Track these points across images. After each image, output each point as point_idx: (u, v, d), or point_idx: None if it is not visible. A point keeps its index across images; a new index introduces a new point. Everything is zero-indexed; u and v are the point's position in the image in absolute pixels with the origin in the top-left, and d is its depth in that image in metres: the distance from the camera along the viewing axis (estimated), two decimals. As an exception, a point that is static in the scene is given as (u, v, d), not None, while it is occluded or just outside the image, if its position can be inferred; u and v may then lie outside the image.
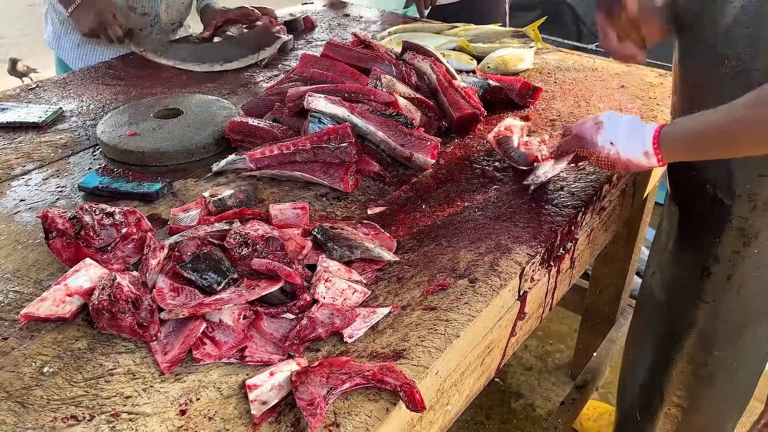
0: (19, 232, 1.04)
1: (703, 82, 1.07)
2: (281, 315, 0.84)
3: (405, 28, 1.88)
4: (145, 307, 0.82)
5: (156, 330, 0.81)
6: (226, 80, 1.66)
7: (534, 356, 2.24)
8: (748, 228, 1.11)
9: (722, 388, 1.28)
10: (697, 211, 1.18)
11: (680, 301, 1.24)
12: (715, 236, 1.14)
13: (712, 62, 1.03)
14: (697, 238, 1.19)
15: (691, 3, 1.04)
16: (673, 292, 1.26)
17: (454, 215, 1.07)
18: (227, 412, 0.72)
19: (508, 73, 1.63)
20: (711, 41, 1.02)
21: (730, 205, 1.10)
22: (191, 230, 0.95)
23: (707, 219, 1.15)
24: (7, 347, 0.81)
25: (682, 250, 1.24)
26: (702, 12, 1.01)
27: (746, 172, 1.07)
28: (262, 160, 1.17)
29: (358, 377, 0.73)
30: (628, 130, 1.02)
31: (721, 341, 1.22)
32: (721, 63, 1.02)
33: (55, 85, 1.62)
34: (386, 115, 1.21)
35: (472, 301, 0.88)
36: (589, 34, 3.33)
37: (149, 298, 0.83)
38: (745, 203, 1.09)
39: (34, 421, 0.71)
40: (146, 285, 0.86)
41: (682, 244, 1.24)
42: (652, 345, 1.34)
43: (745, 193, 1.08)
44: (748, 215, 1.10)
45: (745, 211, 1.10)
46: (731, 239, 1.13)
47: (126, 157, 1.24)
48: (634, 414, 1.42)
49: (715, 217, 1.13)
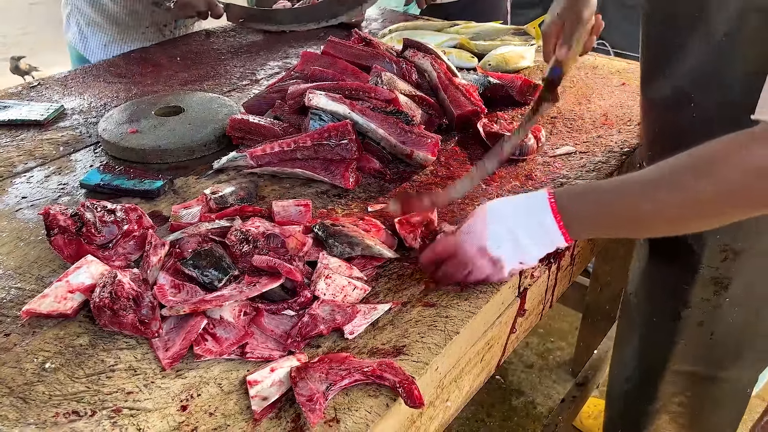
0: (21, 229, 1.04)
1: (669, 120, 0.99)
2: (282, 311, 0.84)
3: (406, 26, 1.88)
4: (146, 304, 0.82)
5: (158, 327, 0.81)
6: (228, 79, 1.66)
7: (535, 354, 2.25)
8: (719, 277, 1.03)
9: (706, 421, 1.22)
10: (667, 255, 1.10)
11: (655, 339, 1.17)
12: (685, 283, 1.06)
13: (678, 102, 0.94)
14: (666, 281, 1.12)
15: (654, 39, 0.98)
16: (647, 327, 1.19)
17: (454, 212, 1.07)
18: (228, 408, 0.72)
19: (509, 70, 1.63)
20: (675, 80, 0.93)
21: (700, 253, 1.02)
22: (192, 227, 0.96)
23: (677, 264, 1.08)
24: (9, 343, 0.81)
25: (653, 289, 1.16)
26: (667, 47, 0.94)
27: None
28: (262, 157, 1.17)
29: (358, 373, 0.73)
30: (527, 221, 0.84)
31: (698, 381, 1.15)
32: (686, 104, 0.93)
33: (57, 82, 1.63)
34: (387, 112, 1.21)
35: (472, 297, 0.88)
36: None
37: (150, 295, 0.84)
38: (716, 253, 1.01)
39: (36, 416, 0.71)
40: (147, 282, 0.86)
41: (653, 283, 1.15)
42: (634, 366, 1.26)
43: (715, 243, 1.00)
44: (719, 265, 1.02)
45: (716, 261, 1.02)
46: (701, 287, 1.05)
47: (127, 155, 1.25)
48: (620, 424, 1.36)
49: (685, 263, 1.05)
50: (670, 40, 0.94)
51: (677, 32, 0.92)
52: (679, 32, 0.91)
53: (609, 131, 1.34)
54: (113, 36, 1.87)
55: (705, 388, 1.16)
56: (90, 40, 1.88)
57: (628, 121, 1.37)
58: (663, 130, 1.03)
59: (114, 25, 1.87)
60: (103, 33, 1.87)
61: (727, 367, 1.13)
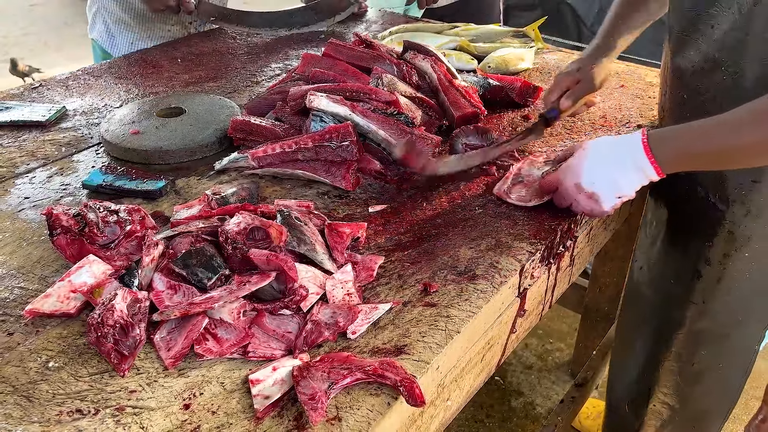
0: (23, 230, 1.05)
1: (697, 86, 1.06)
2: (278, 311, 0.84)
3: (406, 28, 1.89)
4: (134, 335, 0.79)
5: (128, 366, 0.77)
6: (229, 80, 1.67)
7: (534, 355, 2.25)
8: (740, 232, 1.10)
9: (709, 388, 1.28)
10: (688, 214, 1.17)
11: (669, 301, 1.24)
12: (707, 240, 1.14)
13: (707, 68, 1.03)
14: (687, 240, 1.19)
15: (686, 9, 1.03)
16: (661, 291, 1.26)
17: (455, 213, 1.08)
18: (230, 407, 0.72)
19: (509, 72, 1.64)
20: (706, 47, 1.01)
21: (723, 210, 1.10)
22: (183, 226, 0.95)
23: (698, 222, 1.15)
24: (12, 342, 0.82)
25: (672, 250, 1.23)
26: (698, 17, 1.01)
27: (740, 178, 1.07)
28: (264, 158, 1.18)
29: (359, 372, 0.74)
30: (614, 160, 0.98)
31: (708, 341, 1.22)
32: (716, 69, 1.01)
33: (59, 83, 1.63)
34: (387, 114, 1.22)
35: (473, 297, 0.89)
36: (589, 34, 3.34)
37: (141, 328, 0.80)
38: (740, 208, 1.09)
39: (39, 414, 0.72)
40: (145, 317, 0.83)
41: (672, 244, 1.23)
42: (640, 341, 1.35)
43: (739, 199, 1.08)
44: (741, 220, 1.09)
45: (738, 216, 1.09)
46: (723, 243, 1.13)
47: (129, 156, 1.25)
48: (623, 407, 1.43)
49: (707, 220, 1.13)
50: (701, 10, 1.00)
51: (710, 3, 0.98)
52: (711, 3, 0.98)
53: (608, 133, 1.34)
54: (140, 33, 1.92)
55: (717, 346, 1.23)
56: (117, 38, 1.93)
57: (626, 123, 1.38)
58: (691, 95, 1.08)
59: (141, 23, 1.91)
60: (130, 31, 1.91)
61: (739, 323, 1.19)
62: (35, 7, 6.62)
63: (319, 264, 0.92)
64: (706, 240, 1.14)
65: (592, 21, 3.30)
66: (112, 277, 0.87)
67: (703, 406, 1.32)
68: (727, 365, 1.25)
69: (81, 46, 5.12)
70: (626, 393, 1.42)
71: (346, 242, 0.97)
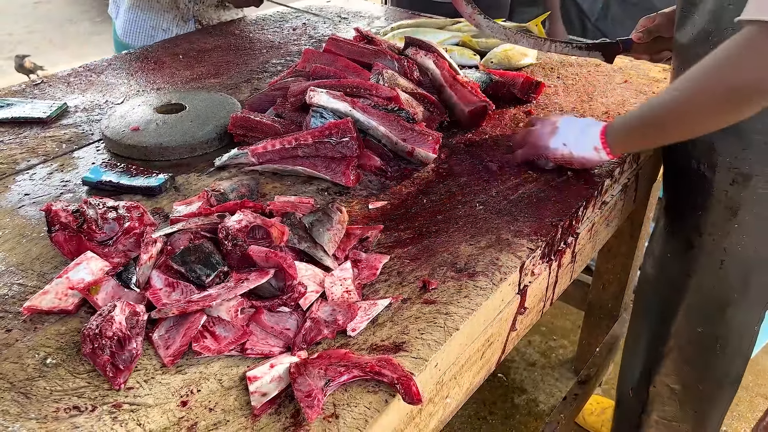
0: (23, 226, 1.05)
1: (690, 58, 1.09)
2: (277, 308, 0.84)
3: (408, 24, 1.88)
4: (130, 349, 0.78)
5: (124, 380, 0.75)
6: (229, 76, 1.67)
7: (537, 352, 2.25)
8: (729, 201, 1.15)
9: (709, 371, 1.30)
10: (684, 187, 1.23)
11: (669, 275, 1.29)
12: (700, 209, 1.20)
13: (699, 39, 1.08)
14: (683, 212, 1.25)
15: None
16: (662, 266, 1.32)
17: (455, 209, 1.07)
18: (228, 404, 0.72)
19: (512, 68, 1.63)
20: (699, 19, 1.07)
21: (711, 178, 1.16)
22: (182, 222, 0.95)
23: (693, 193, 1.21)
24: (10, 339, 0.82)
25: (671, 225, 1.29)
26: None
27: (726, 146, 1.12)
28: (264, 154, 1.17)
29: (356, 369, 0.73)
30: (580, 131, 1.11)
31: (704, 318, 1.26)
32: (706, 40, 1.06)
33: (60, 80, 1.63)
34: (388, 110, 1.21)
35: (472, 294, 0.88)
36: (593, 29, 3.31)
37: (138, 342, 0.79)
38: (726, 175, 1.14)
39: (37, 411, 0.71)
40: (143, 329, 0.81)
41: (671, 219, 1.29)
42: (645, 325, 1.38)
43: (725, 166, 1.14)
44: (728, 188, 1.15)
45: (725, 184, 1.15)
46: (714, 212, 1.18)
47: (129, 152, 1.25)
48: (627, 393, 1.45)
49: (699, 190, 1.19)
50: None
51: None
52: None
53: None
54: (158, 23, 1.97)
55: (709, 332, 1.27)
56: (137, 29, 1.98)
57: (630, 119, 1.37)
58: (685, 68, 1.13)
59: (161, 14, 1.97)
60: (150, 23, 1.97)
61: (735, 301, 1.23)
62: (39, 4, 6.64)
63: (319, 261, 0.92)
64: (699, 210, 1.20)
65: (596, 16, 3.27)
66: (110, 274, 0.87)
67: (703, 393, 1.33)
68: (723, 347, 1.27)
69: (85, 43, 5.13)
70: (631, 380, 1.43)
71: (353, 242, 0.97)
